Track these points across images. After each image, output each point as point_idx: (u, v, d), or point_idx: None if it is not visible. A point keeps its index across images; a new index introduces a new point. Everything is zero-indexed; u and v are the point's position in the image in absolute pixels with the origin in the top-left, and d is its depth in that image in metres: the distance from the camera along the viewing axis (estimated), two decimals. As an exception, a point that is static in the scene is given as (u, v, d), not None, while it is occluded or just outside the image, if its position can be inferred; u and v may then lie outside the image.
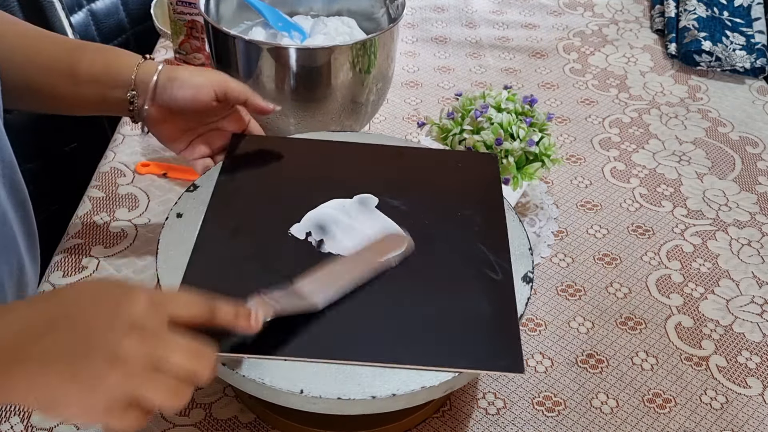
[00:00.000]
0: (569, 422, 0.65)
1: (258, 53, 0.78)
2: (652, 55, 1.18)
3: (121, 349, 0.41)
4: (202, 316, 0.46)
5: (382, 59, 0.82)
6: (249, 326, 0.48)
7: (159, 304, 0.44)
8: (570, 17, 1.28)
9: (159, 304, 0.44)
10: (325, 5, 0.93)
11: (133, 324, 0.43)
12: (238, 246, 0.60)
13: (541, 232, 0.82)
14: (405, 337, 0.53)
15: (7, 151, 0.64)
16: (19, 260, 0.67)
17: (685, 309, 0.76)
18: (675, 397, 0.67)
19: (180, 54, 1.03)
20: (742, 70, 1.12)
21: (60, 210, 0.89)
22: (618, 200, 0.89)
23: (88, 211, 0.83)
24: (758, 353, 0.72)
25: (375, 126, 0.99)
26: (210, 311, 0.47)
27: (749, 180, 0.94)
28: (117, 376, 0.41)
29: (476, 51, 1.17)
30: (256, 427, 0.63)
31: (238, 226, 0.62)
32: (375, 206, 0.64)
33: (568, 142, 0.98)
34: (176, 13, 0.99)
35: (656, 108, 1.06)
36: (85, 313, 0.43)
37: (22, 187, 0.68)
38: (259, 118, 0.73)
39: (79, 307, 0.44)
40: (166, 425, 0.62)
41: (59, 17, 1.02)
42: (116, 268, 0.76)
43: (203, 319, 0.46)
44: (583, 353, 0.71)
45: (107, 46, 0.72)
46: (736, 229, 0.86)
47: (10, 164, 0.65)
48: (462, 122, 0.79)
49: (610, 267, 0.80)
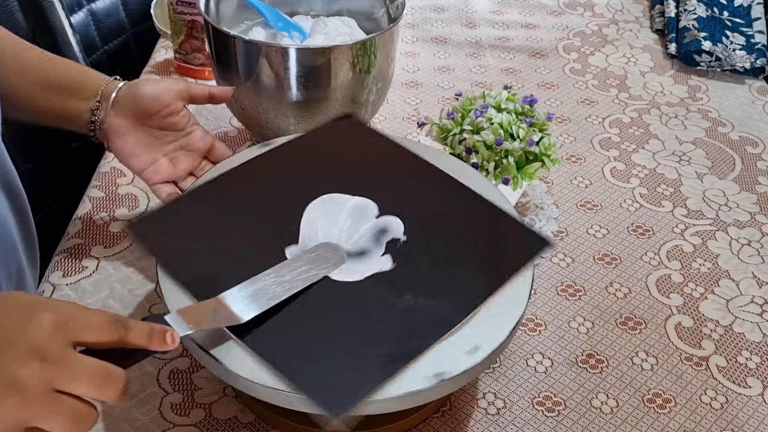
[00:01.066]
0: (569, 422, 0.65)
1: (258, 53, 0.78)
2: (652, 55, 1.18)
3: (19, 376, 0.40)
4: (111, 338, 0.44)
5: (382, 59, 0.82)
6: (165, 346, 0.46)
7: (64, 327, 0.42)
8: (570, 17, 1.28)
9: (64, 328, 0.42)
10: (325, 5, 0.94)
11: (34, 349, 0.41)
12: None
13: (541, 233, 0.82)
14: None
15: (5, 156, 0.64)
16: (19, 265, 0.67)
17: (685, 309, 0.76)
18: (675, 397, 0.67)
19: (180, 54, 1.03)
20: (742, 70, 1.12)
21: (60, 210, 0.89)
22: (618, 200, 0.89)
23: (88, 211, 0.83)
24: (758, 353, 0.72)
25: (375, 126, 0.99)
26: (121, 333, 0.45)
27: (749, 180, 0.94)
28: (12, 403, 0.40)
29: (476, 51, 1.17)
30: (256, 427, 0.63)
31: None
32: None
33: (568, 142, 0.98)
34: (176, 13, 0.99)
35: (656, 108, 1.06)
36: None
37: (20, 192, 0.68)
38: (259, 117, 0.73)
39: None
40: (166, 425, 0.62)
41: (59, 17, 1.02)
42: (116, 268, 0.76)
43: (113, 342, 0.44)
44: (583, 353, 0.71)
45: (72, 62, 0.73)
46: (736, 229, 0.86)
47: (8, 169, 0.65)
48: (462, 122, 0.79)
49: (610, 267, 0.80)
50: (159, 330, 0.46)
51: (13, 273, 0.66)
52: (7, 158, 0.65)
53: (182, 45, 1.02)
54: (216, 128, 0.96)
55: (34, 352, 0.41)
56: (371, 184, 0.65)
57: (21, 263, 0.68)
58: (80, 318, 0.44)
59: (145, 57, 1.10)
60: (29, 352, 0.41)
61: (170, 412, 0.63)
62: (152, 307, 0.72)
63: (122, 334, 0.45)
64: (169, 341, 0.46)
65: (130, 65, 1.14)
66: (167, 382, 0.66)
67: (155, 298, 0.73)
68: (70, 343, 0.42)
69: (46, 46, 0.70)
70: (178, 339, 0.47)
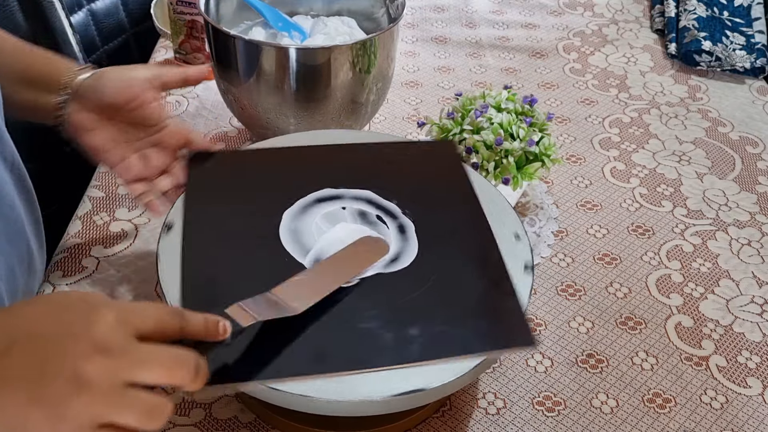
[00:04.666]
0: (569, 422, 0.65)
1: (258, 53, 0.78)
2: (652, 55, 1.18)
3: (84, 372, 0.40)
4: (172, 329, 0.44)
5: (382, 59, 0.82)
6: (218, 336, 0.46)
7: (125, 320, 0.42)
8: (570, 17, 1.28)
9: (125, 320, 0.42)
10: (325, 5, 0.94)
11: (98, 344, 0.41)
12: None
13: (541, 232, 0.82)
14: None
15: (10, 141, 0.63)
16: (28, 246, 0.67)
17: (685, 309, 0.76)
18: (675, 397, 0.67)
19: (180, 54, 1.03)
20: (742, 70, 1.12)
21: (60, 210, 0.89)
22: (618, 200, 0.89)
23: (88, 211, 0.83)
24: (758, 353, 0.72)
25: (375, 126, 0.99)
26: (181, 322, 0.45)
27: (749, 180, 0.94)
28: (83, 401, 0.39)
29: (476, 51, 1.17)
30: (256, 427, 0.63)
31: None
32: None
33: (568, 142, 0.98)
34: (176, 13, 0.99)
35: (656, 108, 1.06)
36: (47, 332, 0.41)
37: (25, 174, 0.67)
38: (259, 117, 0.73)
39: (41, 326, 0.41)
40: (166, 425, 0.62)
41: (59, 17, 1.02)
42: (116, 268, 0.76)
43: (173, 332, 0.44)
44: (583, 353, 0.71)
45: (48, 52, 0.68)
46: (736, 229, 0.86)
47: (14, 154, 0.64)
48: (462, 122, 0.79)
49: (610, 267, 0.80)
50: (213, 320, 0.46)
51: (24, 255, 0.66)
52: (11, 143, 0.63)
53: (182, 45, 1.02)
54: (216, 128, 0.96)
55: (97, 347, 0.41)
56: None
57: (30, 245, 0.67)
58: (139, 310, 0.44)
59: (145, 57, 1.10)
60: (93, 347, 0.40)
61: (170, 412, 0.63)
62: (152, 307, 0.72)
63: (182, 323, 0.45)
64: (221, 331, 0.46)
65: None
66: (167, 382, 0.66)
67: (155, 298, 0.73)
68: (133, 334, 0.42)
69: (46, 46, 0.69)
70: (230, 329, 0.47)
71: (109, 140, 0.66)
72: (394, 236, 0.61)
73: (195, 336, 0.46)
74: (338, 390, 0.50)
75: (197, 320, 0.46)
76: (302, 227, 0.61)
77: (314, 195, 0.65)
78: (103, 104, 0.64)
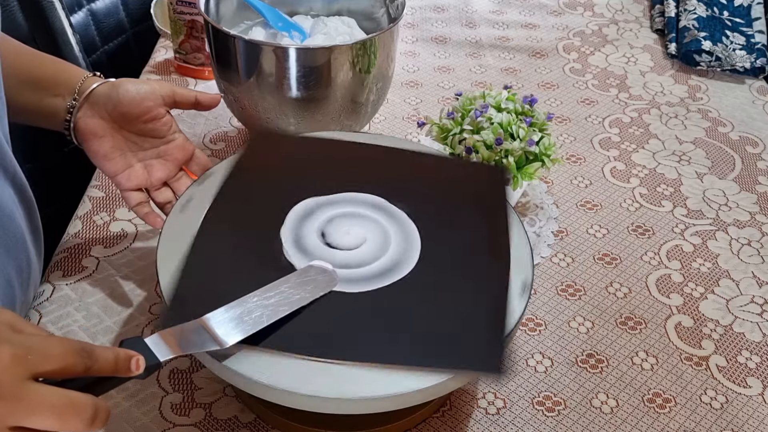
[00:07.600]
0: (569, 422, 0.65)
1: (258, 53, 0.78)
2: (652, 55, 1.18)
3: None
4: (75, 369, 0.42)
5: (382, 59, 0.82)
6: (129, 373, 0.45)
7: (22, 359, 0.40)
8: (570, 17, 1.28)
9: (22, 360, 0.40)
10: (325, 5, 0.94)
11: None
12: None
13: (541, 232, 0.82)
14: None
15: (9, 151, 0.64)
16: (27, 257, 0.67)
17: (685, 309, 0.76)
18: (675, 397, 0.67)
19: (180, 54, 1.03)
20: (742, 70, 1.12)
21: (60, 210, 0.89)
22: (618, 200, 0.89)
23: (88, 211, 0.83)
24: (758, 353, 0.72)
25: (375, 126, 0.99)
26: (86, 362, 0.43)
27: (749, 180, 0.94)
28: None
29: (476, 51, 1.17)
30: (256, 427, 0.63)
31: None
32: None
33: (568, 142, 0.98)
34: (176, 13, 0.99)
35: (656, 108, 1.06)
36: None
37: (25, 184, 0.67)
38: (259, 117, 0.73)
39: None
40: (166, 425, 0.62)
41: (59, 17, 1.02)
42: (116, 268, 0.76)
43: (77, 373, 0.42)
44: (583, 353, 0.71)
45: (53, 57, 0.69)
46: (736, 228, 0.86)
47: (13, 162, 0.65)
48: (462, 122, 0.79)
49: (610, 267, 0.80)
50: (124, 357, 0.45)
51: (23, 265, 0.66)
52: (11, 155, 0.64)
53: (182, 45, 1.02)
54: (216, 128, 0.96)
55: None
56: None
57: (30, 255, 0.67)
58: (40, 349, 0.42)
59: (145, 57, 1.10)
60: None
61: (170, 412, 0.63)
62: (152, 307, 0.72)
63: (87, 363, 0.43)
64: (134, 368, 0.45)
65: (130, 65, 1.14)
66: (167, 382, 0.66)
67: (155, 297, 0.73)
68: (29, 375, 0.40)
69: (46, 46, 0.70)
70: (143, 365, 0.46)
71: (116, 148, 0.66)
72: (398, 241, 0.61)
73: (104, 374, 0.44)
74: (338, 390, 0.50)
75: (107, 357, 0.44)
76: (304, 232, 0.61)
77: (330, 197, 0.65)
78: (117, 113, 0.65)
